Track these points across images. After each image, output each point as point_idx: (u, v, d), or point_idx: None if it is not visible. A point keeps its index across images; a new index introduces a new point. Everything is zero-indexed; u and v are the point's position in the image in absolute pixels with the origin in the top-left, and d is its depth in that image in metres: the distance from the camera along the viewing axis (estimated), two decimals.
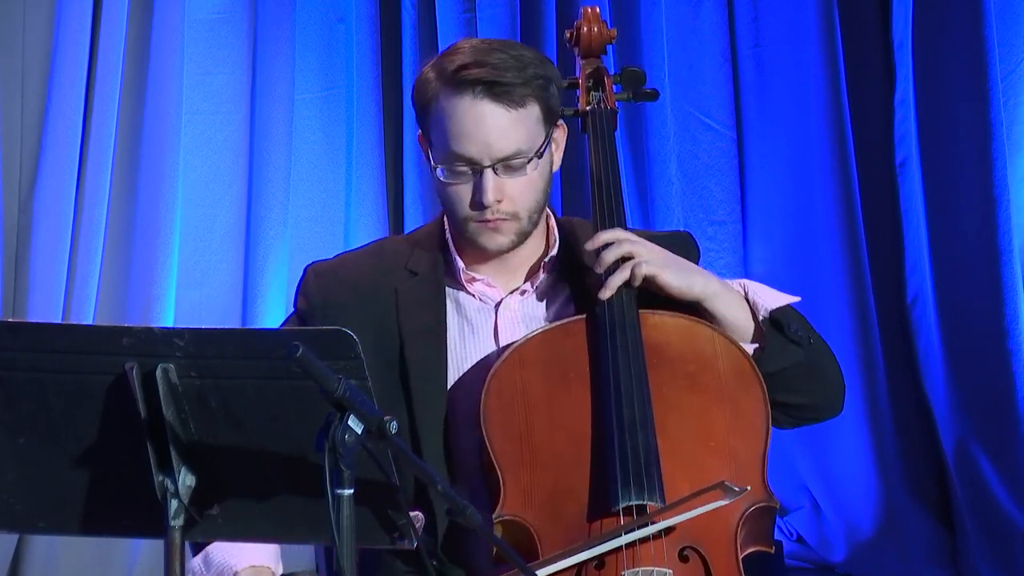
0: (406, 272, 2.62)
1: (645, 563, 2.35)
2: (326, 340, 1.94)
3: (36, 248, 4.55)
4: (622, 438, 2.41)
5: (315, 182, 4.90)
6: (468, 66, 2.50)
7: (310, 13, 4.89)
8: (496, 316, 2.62)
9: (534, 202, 2.56)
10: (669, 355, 2.52)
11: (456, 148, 2.50)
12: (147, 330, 1.99)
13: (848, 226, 4.83)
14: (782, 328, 2.56)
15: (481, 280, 2.62)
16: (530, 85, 2.51)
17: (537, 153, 2.53)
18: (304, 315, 2.62)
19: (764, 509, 2.45)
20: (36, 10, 4.56)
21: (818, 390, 2.63)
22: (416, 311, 2.59)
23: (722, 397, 2.50)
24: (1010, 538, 4.58)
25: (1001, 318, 4.62)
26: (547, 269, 2.65)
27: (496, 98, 2.49)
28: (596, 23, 2.80)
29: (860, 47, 4.88)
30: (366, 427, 1.89)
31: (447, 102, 2.51)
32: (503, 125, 2.49)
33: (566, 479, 2.43)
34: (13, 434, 2.05)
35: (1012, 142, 4.65)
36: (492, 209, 2.52)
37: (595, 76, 2.75)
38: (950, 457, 4.74)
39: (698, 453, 2.46)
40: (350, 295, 2.60)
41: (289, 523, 2.07)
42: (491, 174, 2.50)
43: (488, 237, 2.55)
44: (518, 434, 2.46)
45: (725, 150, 5.01)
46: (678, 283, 2.54)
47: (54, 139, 4.55)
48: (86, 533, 2.10)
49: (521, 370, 2.50)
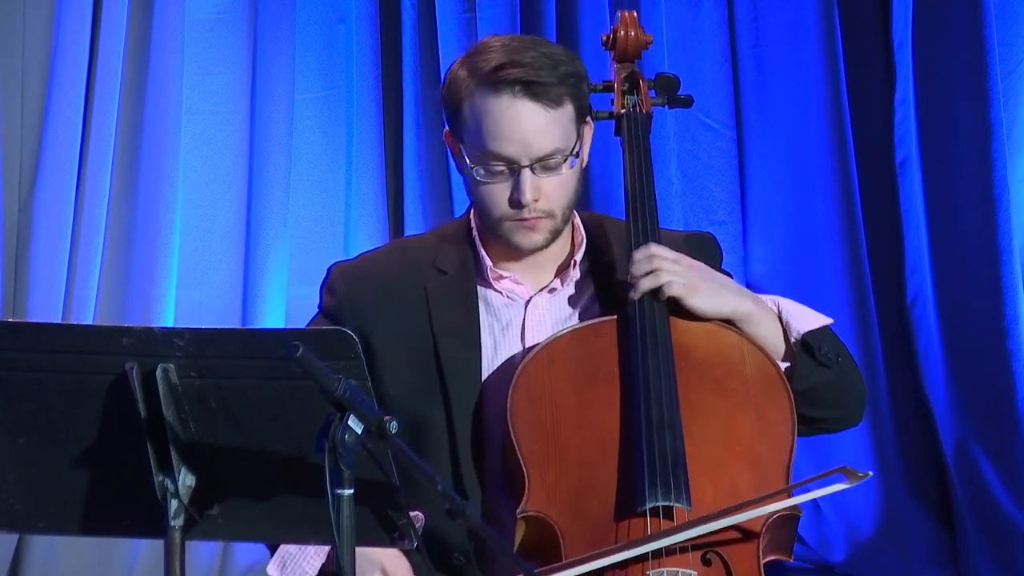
0: (434, 270, 2.62)
1: (669, 565, 2.36)
2: (326, 340, 1.94)
3: (36, 248, 4.55)
4: (650, 439, 2.41)
5: (315, 182, 4.90)
6: (505, 66, 2.49)
7: (310, 13, 4.89)
8: (525, 313, 2.62)
9: (567, 200, 2.56)
10: (697, 359, 2.52)
11: (494, 148, 2.50)
12: (147, 330, 1.99)
13: (848, 226, 4.83)
14: (812, 351, 2.56)
15: (508, 277, 2.62)
16: (565, 84, 2.51)
17: (573, 152, 2.54)
18: (332, 313, 2.61)
19: (787, 517, 2.45)
20: (36, 10, 4.56)
21: (842, 406, 2.64)
22: (448, 310, 2.58)
23: (748, 403, 2.50)
24: (1010, 538, 4.58)
25: (1001, 318, 4.62)
26: (577, 267, 2.65)
27: (535, 97, 2.49)
28: (633, 27, 2.79)
29: (860, 47, 4.88)
30: (366, 427, 1.89)
31: (484, 101, 2.50)
32: (541, 124, 2.49)
33: (592, 478, 2.43)
34: (13, 434, 2.05)
35: (1012, 142, 4.65)
36: (529, 208, 2.52)
37: (630, 80, 2.74)
38: (950, 457, 4.74)
39: (723, 458, 2.46)
40: (379, 293, 2.59)
41: (289, 523, 2.07)
42: (529, 173, 2.50)
43: (523, 236, 2.55)
44: (544, 431, 2.46)
45: (725, 150, 5.01)
46: (706, 307, 2.54)
47: (54, 139, 4.55)
48: (86, 533, 2.10)
49: (550, 368, 2.50)
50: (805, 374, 2.55)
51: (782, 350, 2.58)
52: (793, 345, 2.57)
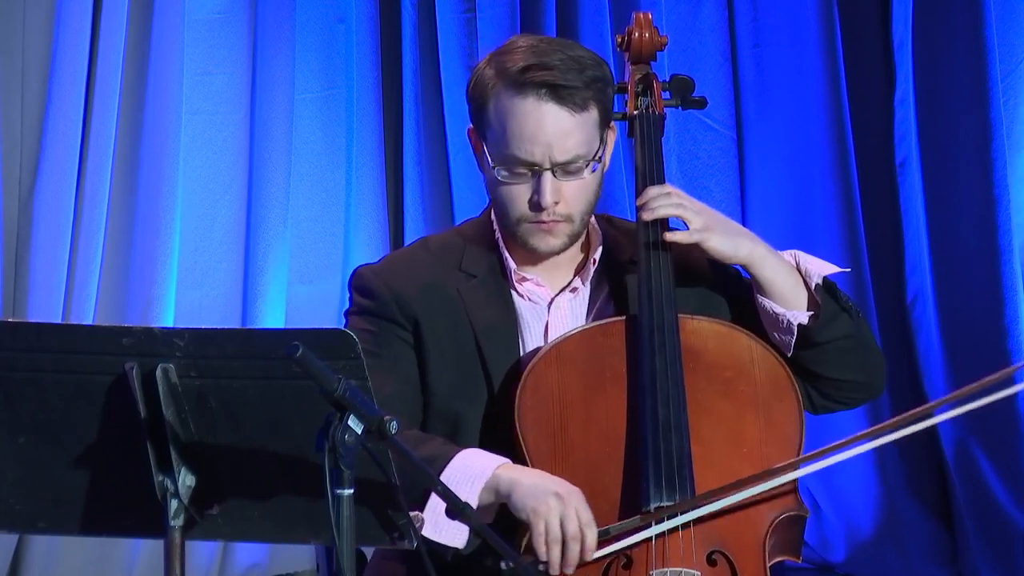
0: (463, 274, 2.60)
1: (673, 564, 2.37)
2: (326, 340, 1.94)
3: (36, 248, 4.54)
4: (656, 439, 2.42)
5: (315, 182, 4.90)
6: (532, 67, 2.48)
7: (310, 13, 4.88)
8: (548, 315, 2.62)
9: (587, 204, 2.56)
10: (706, 360, 2.52)
11: (516, 149, 2.49)
12: (147, 330, 1.99)
13: (848, 226, 4.83)
14: (835, 294, 2.56)
15: (531, 280, 2.61)
16: (591, 88, 2.50)
17: (596, 157, 2.53)
18: (375, 312, 2.57)
19: (795, 518, 2.47)
20: (36, 10, 4.55)
21: (867, 366, 2.63)
22: (484, 310, 2.58)
23: (757, 405, 2.50)
24: (1010, 538, 4.58)
25: (1001, 318, 4.62)
26: (596, 265, 2.65)
27: (560, 101, 2.48)
28: (648, 29, 2.79)
29: (860, 47, 4.88)
30: (366, 427, 1.90)
31: (509, 102, 2.49)
32: (566, 128, 2.49)
33: (598, 477, 2.44)
34: (13, 434, 2.05)
35: (1012, 142, 4.65)
36: (549, 211, 2.51)
37: (644, 81, 2.73)
38: (950, 457, 4.74)
39: (730, 459, 2.46)
40: (418, 289, 2.57)
41: (289, 523, 2.07)
42: (550, 176, 2.50)
43: (540, 238, 2.54)
44: (551, 431, 2.46)
45: (725, 150, 5.01)
46: (723, 248, 2.54)
47: (54, 139, 4.54)
48: (86, 533, 2.10)
49: (558, 367, 2.50)
50: (829, 318, 2.53)
51: (804, 298, 2.56)
52: (815, 289, 2.55)
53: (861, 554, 4.79)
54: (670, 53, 4.93)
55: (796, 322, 2.53)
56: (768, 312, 2.57)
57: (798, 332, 2.54)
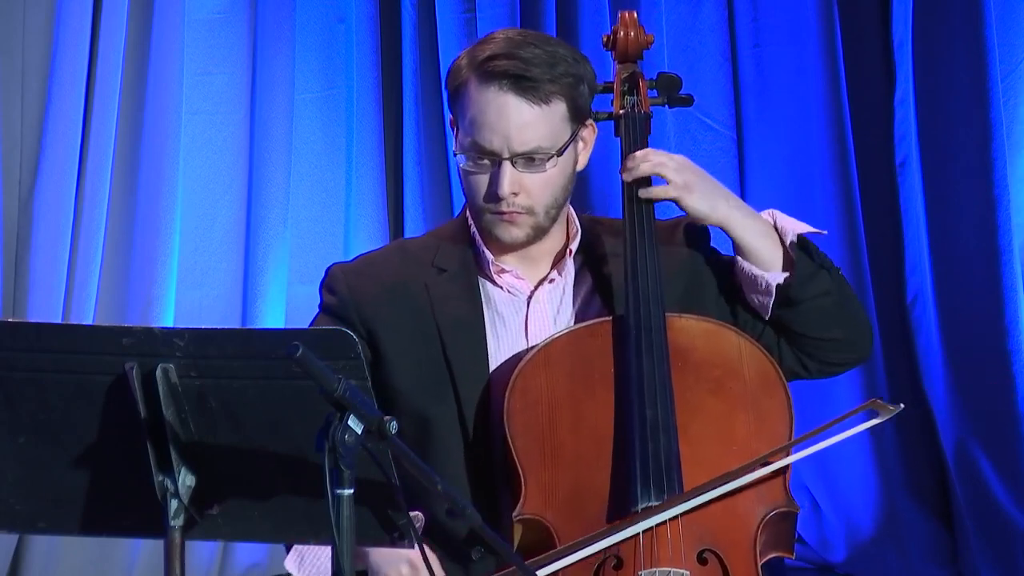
0: (434, 270, 2.61)
1: (663, 564, 2.36)
2: (326, 340, 1.94)
3: (36, 248, 4.54)
4: (644, 440, 2.42)
5: (315, 182, 4.90)
6: (497, 57, 2.49)
7: (310, 13, 4.89)
8: (528, 308, 2.61)
9: (551, 199, 2.55)
10: (694, 359, 2.52)
11: (478, 138, 2.50)
12: (147, 330, 1.99)
13: (848, 226, 4.82)
14: (809, 251, 2.56)
15: (510, 272, 2.61)
16: (558, 83, 2.50)
17: (559, 151, 2.53)
18: (336, 310, 2.60)
19: (785, 514, 2.46)
20: (36, 10, 4.55)
21: (850, 322, 2.62)
22: (450, 305, 2.58)
23: (746, 402, 2.50)
24: (1010, 538, 4.58)
25: (1001, 318, 4.62)
26: (573, 258, 2.64)
27: (521, 92, 2.48)
28: (633, 28, 2.79)
29: (860, 47, 4.88)
30: (366, 427, 1.89)
31: (475, 91, 2.50)
32: (526, 119, 2.49)
33: (587, 479, 2.44)
34: (13, 434, 2.05)
35: (1012, 142, 4.65)
36: (507, 201, 2.51)
37: (630, 80, 2.73)
38: (950, 457, 4.73)
39: (720, 458, 2.46)
40: (381, 289, 2.59)
41: (289, 523, 2.07)
42: (509, 167, 2.50)
43: (503, 229, 2.54)
44: (541, 434, 2.46)
45: (725, 150, 5.01)
46: (699, 207, 2.57)
47: (54, 139, 4.55)
48: (86, 533, 2.10)
49: (546, 370, 2.50)
50: (805, 278, 2.54)
51: (780, 258, 2.57)
52: (790, 247, 2.56)
53: (861, 554, 4.79)
54: (670, 53, 4.97)
55: (774, 283, 2.54)
56: (747, 274, 2.57)
57: (777, 292, 2.54)
